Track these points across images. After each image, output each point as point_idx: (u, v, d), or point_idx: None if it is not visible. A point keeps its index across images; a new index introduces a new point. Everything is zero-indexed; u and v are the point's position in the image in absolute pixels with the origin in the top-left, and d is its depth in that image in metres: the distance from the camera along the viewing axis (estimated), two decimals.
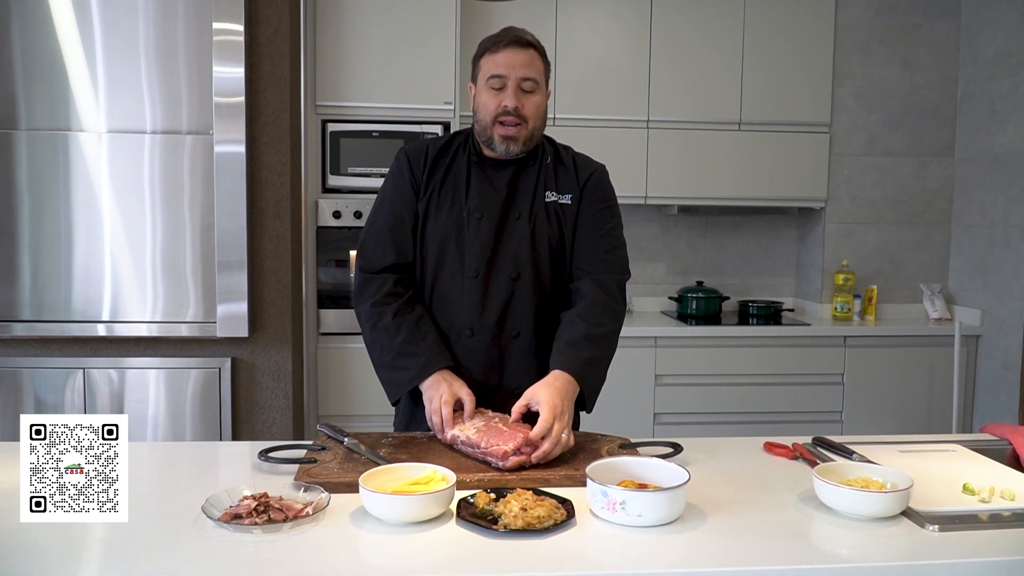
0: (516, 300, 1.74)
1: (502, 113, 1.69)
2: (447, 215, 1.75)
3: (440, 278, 1.76)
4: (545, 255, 1.76)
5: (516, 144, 1.71)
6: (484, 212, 1.75)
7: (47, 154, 2.75)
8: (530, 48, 1.71)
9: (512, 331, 1.75)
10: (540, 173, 1.79)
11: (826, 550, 1.19)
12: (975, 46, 3.83)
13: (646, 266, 4.16)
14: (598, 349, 1.69)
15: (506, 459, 1.44)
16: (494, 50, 1.70)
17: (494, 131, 1.71)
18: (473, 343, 1.74)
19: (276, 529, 1.18)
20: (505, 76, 1.69)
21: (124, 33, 2.74)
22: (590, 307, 1.72)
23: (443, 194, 1.77)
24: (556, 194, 1.78)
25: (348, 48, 3.41)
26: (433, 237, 1.76)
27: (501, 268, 1.74)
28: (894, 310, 3.98)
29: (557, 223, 1.78)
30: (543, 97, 1.75)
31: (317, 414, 3.39)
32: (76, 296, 2.79)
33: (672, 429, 3.56)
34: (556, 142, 1.87)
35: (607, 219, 1.82)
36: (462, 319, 1.74)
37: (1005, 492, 1.36)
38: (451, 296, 1.75)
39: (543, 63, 1.74)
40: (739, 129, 3.81)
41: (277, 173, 2.88)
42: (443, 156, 1.80)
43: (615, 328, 1.75)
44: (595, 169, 1.85)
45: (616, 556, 1.15)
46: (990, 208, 3.71)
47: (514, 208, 1.76)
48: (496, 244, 1.74)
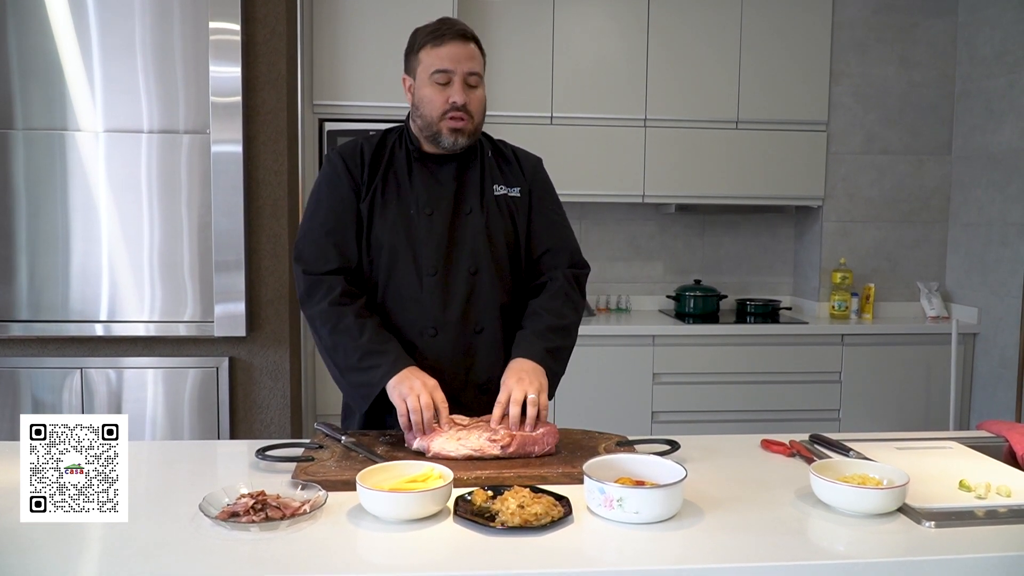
0: (477, 295, 1.73)
1: (451, 109, 1.66)
2: (395, 214, 1.71)
3: (394, 279, 1.72)
4: (502, 248, 1.76)
5: (464, 136, 1.69)
6: (434, 208, 1.72)
7: (44, 154, 2.75)
8: (471, 42, 1.69)
9: (476, 326, 1.74)
10: (484, 167, 1.79)
11: (823, 546, 1.20)
12: (972, 44, 3.83)
13: (643, 265, 4.16)
14: (560, 339, 1.72)
15: (497, 434, 1.51)
16: (437, 43, 1.67)
17: (442, 125, 1.68)
18: (437, 342, 1.71)
19: (273, 527, 1.18)
20: (451, 71, 1.66)
21: (120, 32, 2.73)
22: (553, 299, 1.76)
23: (387, 193, 1.73)
24: (504, 187, 1.79)
25: (345, 47, 3.41)
26: (382, 237, 1.71)
27: (459, 264, 1.72)
28: (891, 308, 3.99)
29: (510, 216, 1.78)
30: (484, 91, 1.73)
31: (315, 413, 3.39)
32: (73, 296, 2.79)
33: (670, 427, 3.57)
34: (491, 136, 1.86)
35: (558, 209, 1.87)
36: (423, 319, 1.71)
37: (1001, 488, 1.36)
38: (409, 296, 1.71)
39: (482, 55, 1.73)
40: (736, 128, 3.82)
41: (274, 172, 2.88)
42: (379, 155, 1.76)
43: (576, 320, 1.79)
44: (536, 161, 1.88)
45: (613, 553, 1.15)
46: (987, 206, 3.72)
47: (464, 203, 1.75)
48: (451, 240, 1.72)
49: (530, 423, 1.53)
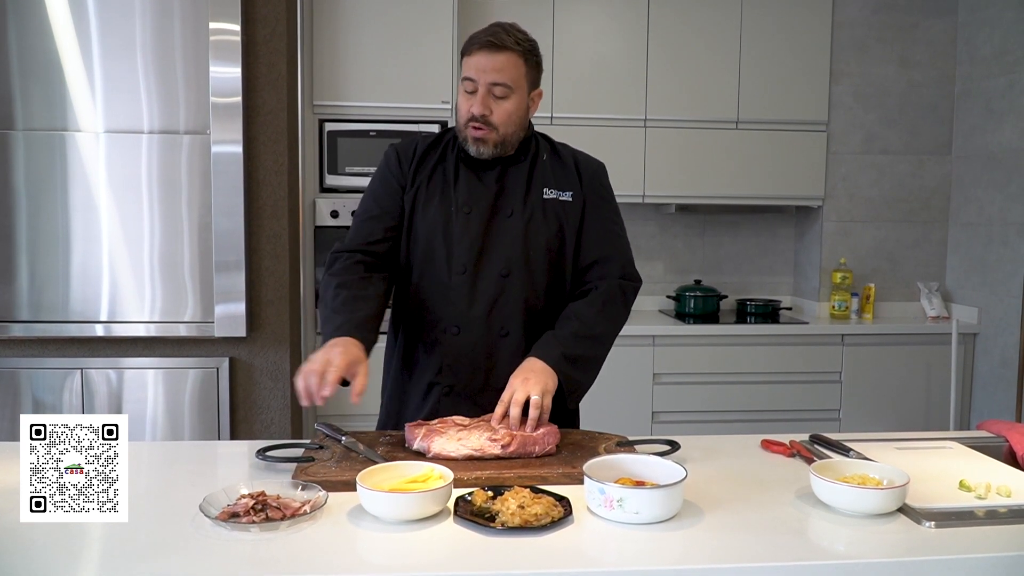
0: (505, 298, 1.71)
1: (471, 119, 1.66)
2: (435, 210, 1.72)
3: (426, 273, 1.73)
4: (540, 253, 1.73)
5: (486, 147, 1.68)
6: (472, 207, 1.71)
7: (44, 154, 2.75)
8: (505, 51, 1.64)
9: (501, 329, 1.72)
10: (534, 170, 1.76)
11: (823, 546, 1.20)
12: (972, 44, 3.83)
13: (644, 265, 4.15)
14: (585, 348, 1.68)
15: (497, 433, 1.50)
16: (469, 52, 1.66)
17: (467, 133, 1.69)
18: (459, 341, 1.71)
19: (274, 527, 1.18)
20: (475, 80, 1.65)
21: (121, 33, 2.74)
22: (589, 306, 1.72)
23: (431, 189, 1.74)
24: (555, 191, 1.76)
25: (345, 47, 3.41)
26: (420, 232, 1.73)
27: (490, 265, 1.71)
28: (892, 308, 3.99)
29: (556, 220, 1.75)
30: (517, 102, 1.68)
31: (315, 413, 3.39)
32: (74, 296, 2.79)
33: (670, 427, 3.57)
34: (552, 140, 1.85)
35: (615, 218, 1.82)
36: (448, 315, 1.71)
37: (1001, 489, 1.36)
38: (438, 292, 1.72)
39: (524, 64, 1.67)
40: (736, 128, 3.82)
41: (274, 173, 2.88)
42: (432, 152, 1.78)
43: (610, 331, 1.74)
44: (597, 167, 1.84)
45: (613, 553, 1.15)
46: (987, 206, 3.72)
47: (504, 205, 1.73)
48: (485, 240, 1.71)
49: (531, 425, 1.52)
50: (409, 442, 1.55)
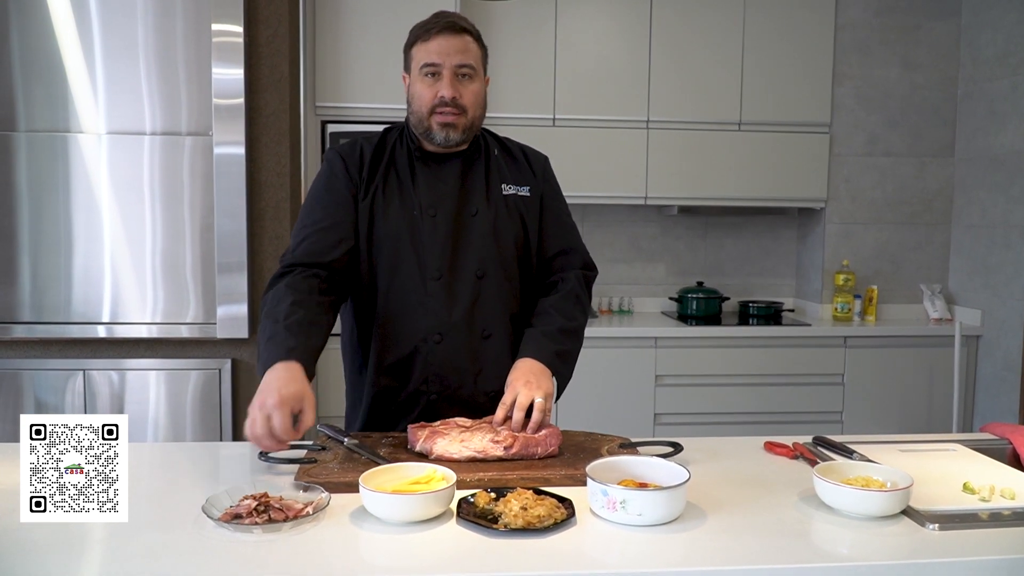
0: (483, 300, 1.68)
1: (439, 104, 1.61)
2: (396, 215, 1.66)
3: (396, 283, 1.66)
4: (510, 250, 1.71)
5: (456, 131, 1.64)
6: (437, 209, 1.66)
7: (46, 156, 2.75)
8: (464, 34, 1.63)
9: (483, 332, 1.69)
10: (490, 166, 1.74)
11: (826, 549, 1.19)
12: (975, 46, 3.83)
13: (646, 267, 4.16)
14: (570, 343, 1.69)
15: (499, 435, 1.49)
16: (426, 38, 1.62)
17: (431, 120, 1.63)
18: (442, 348, 1.66)
19: (276, 529, 1.18)
20: (440, 64, 1.61)
21: (123, 34, 2.74)
22: (565, 300, 1.72)
23: (388, 193, 1.67)
24: (513, 187, 1.74)
25: (347, 49, 3.41)
26: (383, 239, 1.65)
27: (465, 267, 1.67)
28: (894, 310, 3.98)
29: (519, 217, 1.73)
30: (481, 84, 1.67)
31: (317, 415, 3.39)
32: (76, 298, 2.79)
33: (672, 429, 3.56)
34: (496, 134, 1.82)
35: (567, 209, 1.84)
36: (429, 324, 1.66)
37: (1005, 491, 1.36)
38: (413, 301, 1.65)
39: (480, 48, 1.66)
40: (739, 129, 3.81)
41: (277, 174, 2.88)
42: (380, 153, 1.70)
43: (584, 323, 1.76)
44: (544, 159, 1.84)
45: (616, 555, 1.15)
46: (990, 208, 3.71)
47: (469, 203, 1.69)
48: (456, 242, 1.66)
49: (533, 428, 1.51)
50: (412, 443, 1.54)
